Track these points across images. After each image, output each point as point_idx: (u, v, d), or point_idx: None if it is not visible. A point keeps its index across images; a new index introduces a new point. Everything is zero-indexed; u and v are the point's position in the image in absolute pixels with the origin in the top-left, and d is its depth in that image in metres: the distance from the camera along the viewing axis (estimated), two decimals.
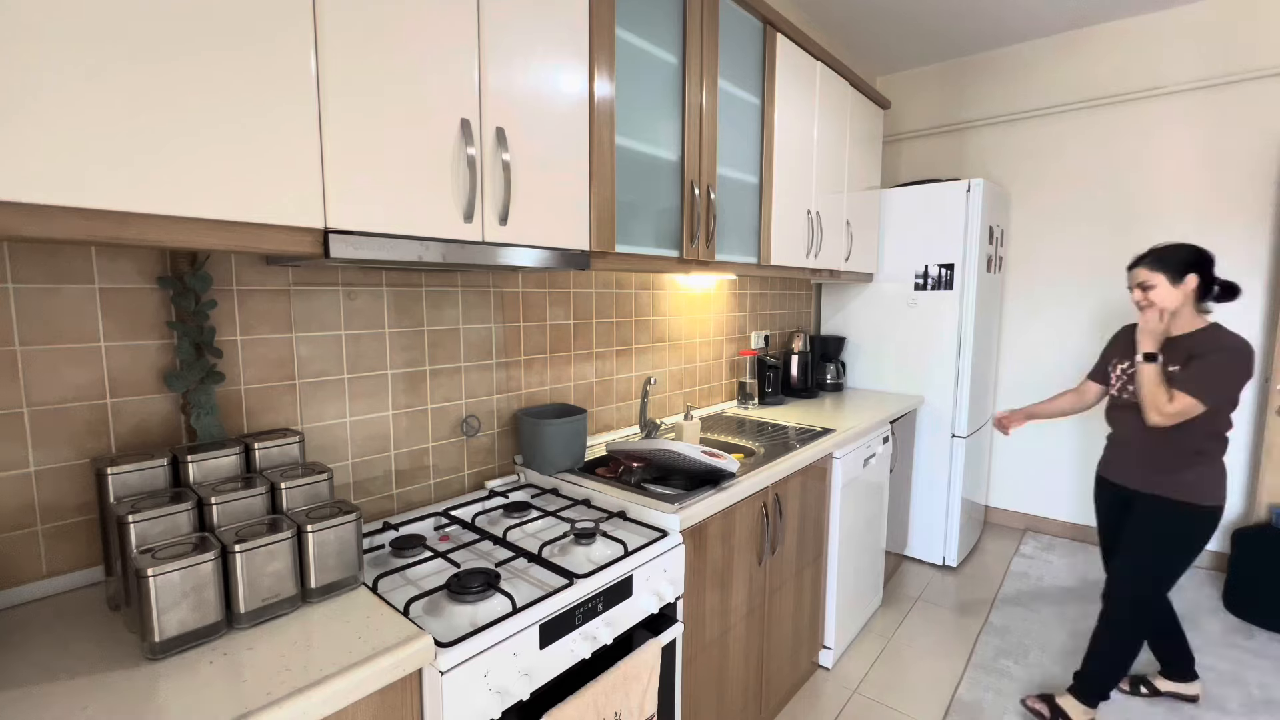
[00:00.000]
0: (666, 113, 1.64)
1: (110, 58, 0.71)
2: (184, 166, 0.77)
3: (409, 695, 0.90)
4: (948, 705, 2.03)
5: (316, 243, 0.92)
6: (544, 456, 1.61)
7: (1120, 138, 3.09)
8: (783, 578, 1.88)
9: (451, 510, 1.43)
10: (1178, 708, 2.00)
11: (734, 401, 2.67)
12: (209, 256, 1.11)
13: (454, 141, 1.07)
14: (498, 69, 1.13)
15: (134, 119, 0.73)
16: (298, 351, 1.25)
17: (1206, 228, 2.91)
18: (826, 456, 2.02)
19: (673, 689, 1.38)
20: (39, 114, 0.67)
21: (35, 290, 0.95)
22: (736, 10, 1.87)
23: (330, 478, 1.08)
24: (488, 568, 1.10)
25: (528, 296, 1.71)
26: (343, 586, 1.01)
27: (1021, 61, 3.30)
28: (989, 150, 3.47)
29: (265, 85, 0.84)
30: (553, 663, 1.05)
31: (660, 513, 1.38)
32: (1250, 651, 2.33)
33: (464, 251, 1.11)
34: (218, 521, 0.96)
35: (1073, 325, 3.30)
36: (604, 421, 2.01)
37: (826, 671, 2.21)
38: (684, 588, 1.39)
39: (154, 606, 0.81)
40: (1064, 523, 3.39)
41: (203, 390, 1.09)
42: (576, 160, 1.32)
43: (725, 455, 1.56)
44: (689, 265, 1.77)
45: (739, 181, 1.96)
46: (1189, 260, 1.69)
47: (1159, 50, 2.94)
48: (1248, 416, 2.89)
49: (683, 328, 2.33)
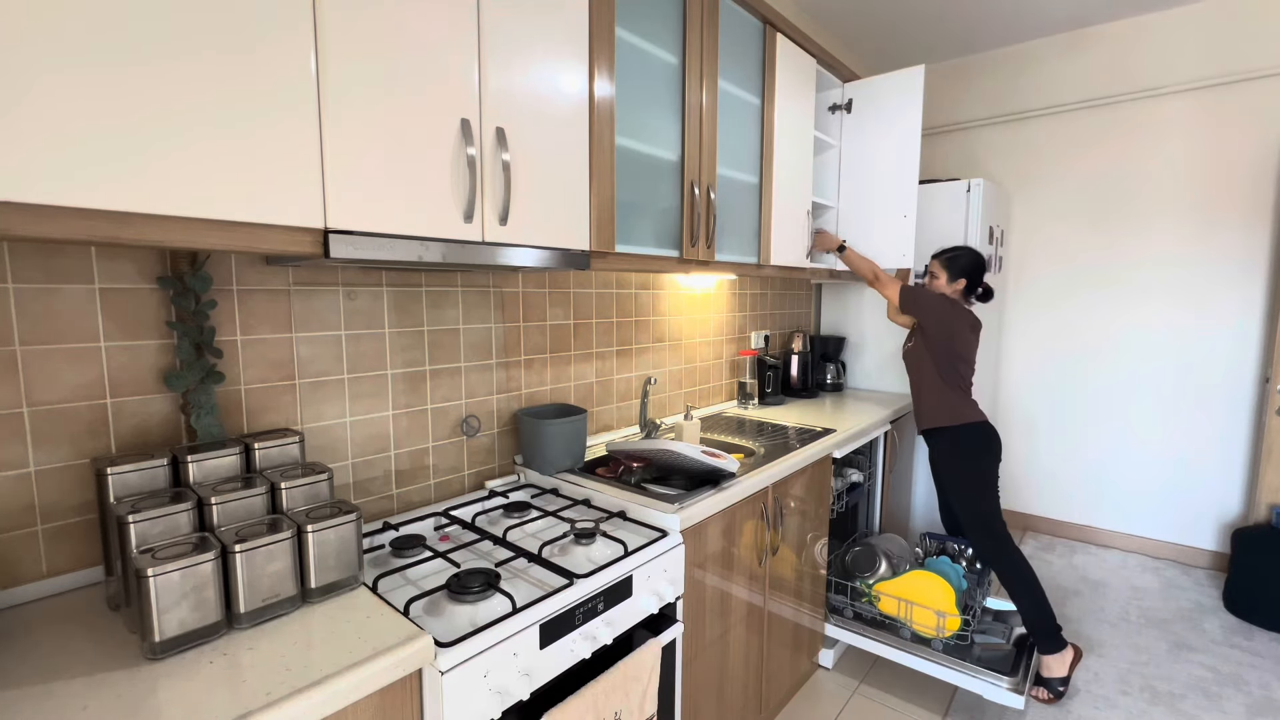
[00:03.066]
0: (666, 113, 1.64)
1: (110, 57, 0.71)
2: (184, 166, 0.77)
3: (409, 695, 0.90)
4: (948, 705, 2.03)
5: (316, 243, 0.92)
6: (544, 456, 1.61)
7: (1120, 137, 3.09)
8: (783, 577, 1.88)
9: (451, 510, 1.43)
10: (1178, 707, 2.01)
11: (734, 401, 2.67)
12: (209, 256, 1.11)
13: (454, 141, 1.07)
14: (498, 69, 1.13)
15: (134, 119, 0.73)
16: (298, 351, 1.25)
17: (1206, 227, 2.91)
18: (826, 456, 2.02)
19: (673, 689, 1.38)
20: (38, 113, 0.67)
21: (35, 290, 0.95)
22: (736, 10, 1.87)
23: (330, 478, 1.08)
24: (488, 568, 1.10)
25: (528, 296, 1.71)
26: (343, 586, 1.01)
27: (1022, 61, 3.30)
28: (989, 150, 3.47)
29: (265, 85, 0.84)
30: (553, 663, 1.05)
31: (660, 513, 1.38)
32: (1250, 651, 2.33)
33: (464, 251, 1.11)
34: (218, 521, 0.96)
35: (1073, 325, 3.30)
36: (604, 421, 2.01)
37: (827, 671, 2.21)
38: (684, 588, 1.39)
39: (154, 606, 0.81)
40: (1064, 523, 3.39)
41: (203, 390, 1.09)
42: (576, 160, 1.32)
43: (725, 455, 1.56)
44: (689, 265, 1.77)
45: (739, 181, 1.96)
46: (965, 268, 2.14)
47: (1159, 50, 2.94)
48: (1247, 416, 2.89)
49: (683, 328, 2.33)
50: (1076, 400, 3.29)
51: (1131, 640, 2.40)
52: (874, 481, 2.54)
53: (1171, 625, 2.51)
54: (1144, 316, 3.11)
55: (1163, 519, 3.14)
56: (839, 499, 2.21)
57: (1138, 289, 3.11)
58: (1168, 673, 2.20)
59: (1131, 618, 2.57)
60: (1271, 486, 2.66)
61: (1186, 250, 2.97)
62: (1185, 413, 3.04)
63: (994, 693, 1.85)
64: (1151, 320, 3.09)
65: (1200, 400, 2.99)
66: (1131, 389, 3.16)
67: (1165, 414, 3.09)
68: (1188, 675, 2.18)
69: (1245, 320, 2.86)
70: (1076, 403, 3.30)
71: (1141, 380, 3.14)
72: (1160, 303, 3.06)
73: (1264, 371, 2.81)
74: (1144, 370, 3.13)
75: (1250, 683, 2.14)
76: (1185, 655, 2.30)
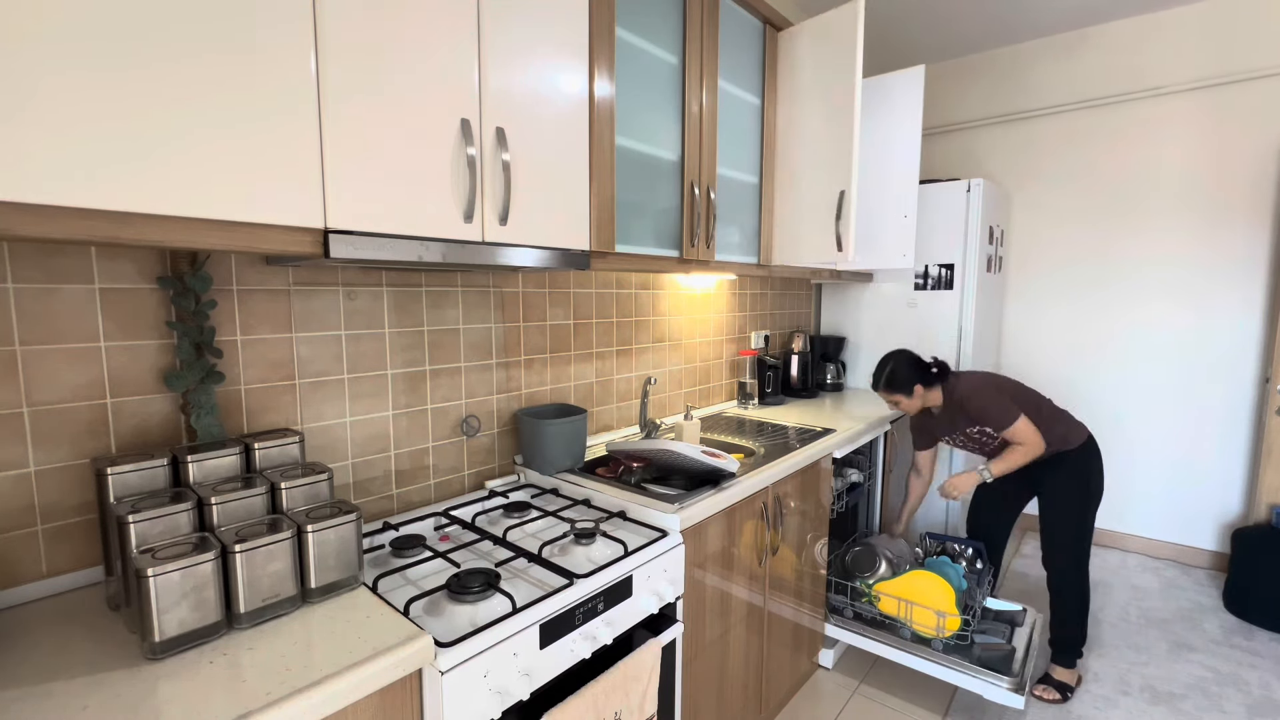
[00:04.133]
0: (666, 113, 1.64)
1: (111, 58, 0.71)
2: (184, 167, 0.77)
3: (409, 695, 0.90)
4: (948, 705, 2.03)
5: (316, 243, 0.92)
6: (544, 456, 1.61)
7: (1121, 137, 3.09)
8: (783, 577, 1.88)
9: (451, 510, 1.43)
10: (1178, 707, 2.01)
11: (734, 401, 2.67)
12: (209, 256, 1.11)
13: (454, 141, 1.07)
14: (498, 69, 1.13)
15: (135, 119, 0.73)
16: (298, 351, 1.25)
17: (1206, 227, 2.91)
18: (826, 456, 2.02)
19: (673, 689, 1.38)
20: (39, 114, 0.67)
21: (35, 290, 0.95)
22: (736, 10, 1.87)
23: (330, 478, 1.08)
24: (488, 568, 1.10)
25: (528, 296, 1.71)
26: (343, 586, 1.01)
27: (1022, 61, 3.30)
28: (989, 150, 3.47)
29: (265, 85, 0.84)
30: (553, 663, 1.05)
31: (660, 513, 1.38)
32: (1250, 651, 2.33)
33: (464, 251, 1.11)
34: (218, 521, 0.96)
35: (1073, 325, 3.30)
36: (604, 421, 2.01)
37: (827, 671, 2.21)
38: (684, 588, 1.39)
39: (154, 606, 0.81)
40: None
41: (203, 390, 1.09)
42: (576, 160, 1.32)
43: (725, 455, 1.56)
44: (689, 265, 1.77)
45: (739, 181, 1.96)
46: (907, 375, 2.10)
47: (1159, 50, 2.94)
48: (1247, 416, 2.89)
49: (683, 328, 2.33)
50: (1076, 400, 3.29)
51: (1131, 640, 2.40)
52: (874, 481, 2.54)
53: (1171, 625, 2.51)
54: (1144, 316, 3.11)
55: (1163, 519, 3.14)
56: (839, 499, 2.21)
57: (1137, 289, 3.11)
58: (1168, 673, 2.20)
59: (1131, 618, 2.57)
60: (1271, 486, 2.66)
61: (1186, 250, 2.97)
62: (1185, 413, 3.04)
63: (994, 693, 1.85)
64: (1151, 320, 3.09)
65: (1200, 400, 2.99)
66: (1131, 389, 3.16)
67: (1165, 414, 3.09)
68: (1188, 675, 2.18)
69: (1245, 320, 2.86)
70: (1076, 403, 3.29)
71: (1141, 380, 3.14)
72: (1160, 303, 3.06)
73: (1264, 371, 2.81)
74: (1144, 370, 3.13)
75: (1250, 683, 2.14)
76: (1185, 655, 2.30)
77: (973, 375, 2.14)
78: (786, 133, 2.10)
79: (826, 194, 2.04)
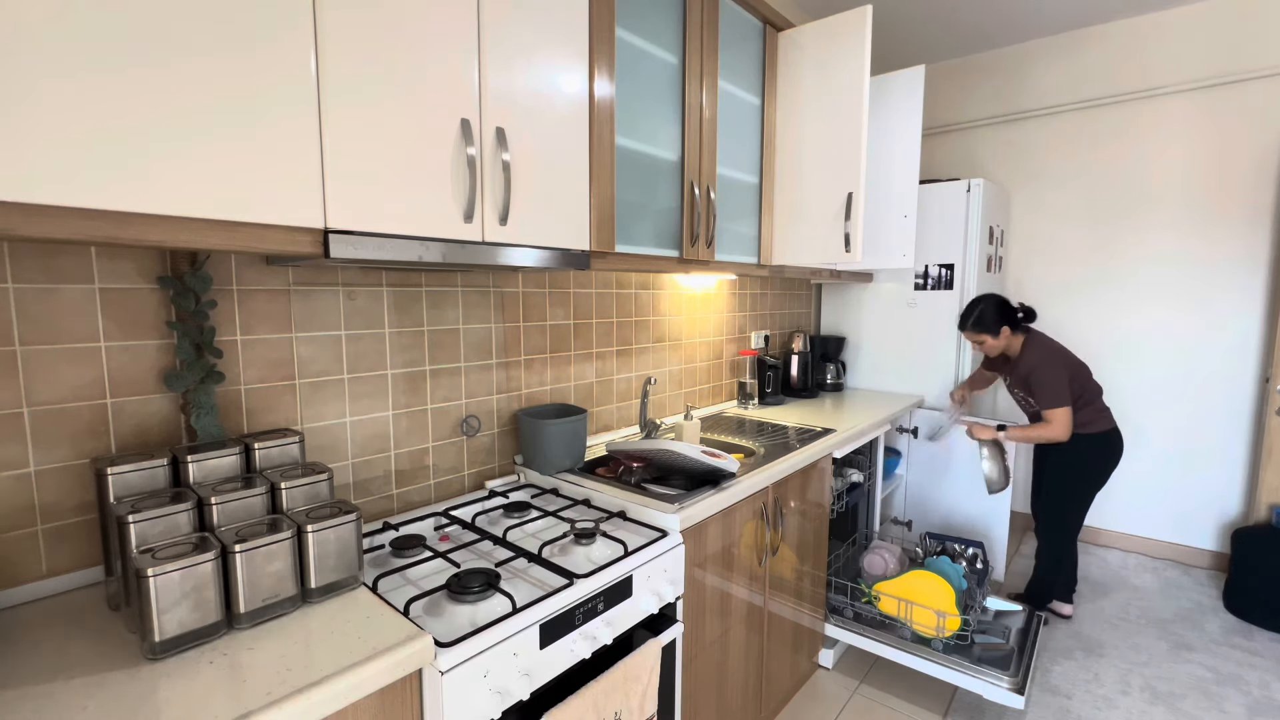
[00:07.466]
0: (666, 113, 1.64)
1: (111, 58, 0.71)
2: (184, 166, 0.77)
3: (409, 695, 0.90)
4: (948, 705, 2.04)
5: (316, 243, 0.92)
6: (544, 456, 1.61)
7: (1121, 137, 3.09)
8: (783, 577, 1.88)
9: (451, 510, 1.43)
10: (1178, 707, 2.01)
11: (734, 401, 2.67)
12: (209, 256, 1.11)
13: (454, 141, 1.07)
14: (498, 69, 1.13)
15: (136, 120, 0.73)
16: (298, 351, 1.25)
17: (1206, 227, 2.91)
18: (826, 456, 2.02)
19: (673, 689, 1.38)
20: (39, 114, 0.67)
21: (35, 290, 0.95)
22: (736, 10, 1.87)
23: (330, 478, 1.08)
24: (488, 568, 1.10)
25: (528, 296, 1.71)
26: (343, 586, 1.01)
27: (1022, 61, 3.30)
28: (989, 150, 3.47)
29: (265, 85, 0.84)
30: (553, 663, 1.05)
31: (660, 513, 1.38)
32: (1250, 651, 2.33)
33: (464, 251, 1.11)
34: (218, 521, 0.96)
35: (1073, 325, 3.30)
36: (604, 421, 2.01)
37: (827, 671, 2.21)
38: (684, 588, 1.39)
39: (154, 606, 0.81)
40: None
41: (203, 390, 1.09)
42: (576, 160, 1.32)
43: (725, 455, 1.56)
44: (689, 265, 1.77)
45: (739, 181, 1.96)
46: (995, 318, 2.32)
47: (1159, 50, 2.94)
48: (1247, 416, 2.89)
49: (683, 328, 2.33)
50: None
51: (1131, 640, 2.40)
52: (874, 481, 2.54)
53: (1171, 625, 2.51)
54: (1144, 316, 3.11)
55: (1163, 519, 3.14)
56: (839, 499, 2.21)
57: (1137, 289, 3.11)
58: (1168, 673, 2.20)
59: (1131, 618, 2.57)
60: (1271, 486, 2.66)
61: (1186, 250, 2.97)
62: (1185, 413, 3.04)
63: (994, 693, 1.85)
64: (1151, 320, 3.09)
65: (1200, 400, 2.99)
66: (1131, 389, 3.16)
67: (1165, 414, 3.09)
68: (1188, 675, 2.18)
69: (1245, 320, 2.86)
70: None
71: (1141, 380, 3.14)
72: (1160, 303, 3.06)
73: (1264, 371, 2.81)
74: (1144, 370, 3.13)
75: (1250, 683, 2.14)
76: (1185, 655, 2.30)
77: (1048, 346, 2.33)
78: (787, 133, 2.10)
79: (830, 194, 2.04)
